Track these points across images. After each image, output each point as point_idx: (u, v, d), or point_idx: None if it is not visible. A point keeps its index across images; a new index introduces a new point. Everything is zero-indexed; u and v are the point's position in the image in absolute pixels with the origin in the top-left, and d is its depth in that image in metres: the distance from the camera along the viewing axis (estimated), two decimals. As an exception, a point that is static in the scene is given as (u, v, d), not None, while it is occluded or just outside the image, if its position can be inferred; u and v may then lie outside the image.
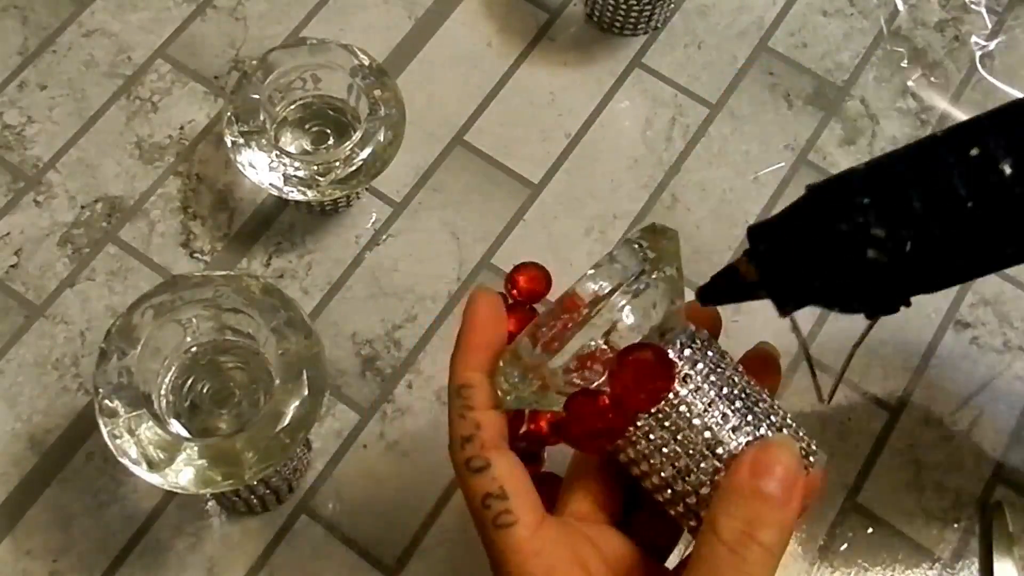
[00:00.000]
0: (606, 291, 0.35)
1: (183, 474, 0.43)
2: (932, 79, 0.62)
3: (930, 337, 0.56)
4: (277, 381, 0.45)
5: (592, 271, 0.35)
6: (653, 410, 0.35)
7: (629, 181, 0.59)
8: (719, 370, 0.36)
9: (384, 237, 0.57)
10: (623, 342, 0.35)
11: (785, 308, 0.36)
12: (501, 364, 0.36)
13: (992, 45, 0.63)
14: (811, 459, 0.36)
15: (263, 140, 0.52)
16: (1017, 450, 0.54)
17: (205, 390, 0.49)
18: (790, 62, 0.62)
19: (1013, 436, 0.54)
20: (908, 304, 0.35)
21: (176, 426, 0.47)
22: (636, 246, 0.36)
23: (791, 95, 0.62)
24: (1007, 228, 0.32)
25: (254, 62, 0.54)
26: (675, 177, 0.59)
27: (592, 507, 0.38)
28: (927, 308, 0.57)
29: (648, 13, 0.61)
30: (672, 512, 0.37)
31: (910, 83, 0.62)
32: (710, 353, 0.36)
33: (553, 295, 0.56)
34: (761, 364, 0.40)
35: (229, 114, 0.53)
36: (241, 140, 0.52)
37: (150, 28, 0.62)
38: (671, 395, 0.35)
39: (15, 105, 0.60)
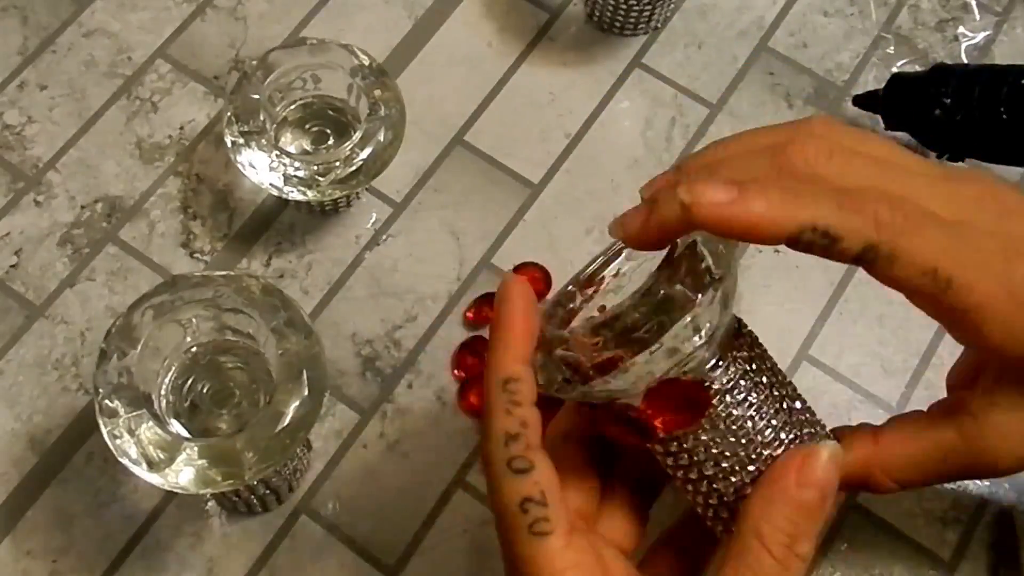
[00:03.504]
0: (684, 294, 0.33)
1: (183, 474, 0.43)
2: (932, 79, 0.62)
3: (930, 337, 0.56)
4: (277, 381, 0.45)
5: (678, 274, 0.34)
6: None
7: (629, 181, 0.59)
8: (762, 381, 0.36)
9: (384, 237, 0.57)
10: (679, 352, 0.34)
11: (894, 128, 0.58)
12: (541, 356, 0.35)
13: (992, 45, 0.63)
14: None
15: (263, 140, 0.52)
16: (1017, 450, 0.54)
17: (205, 390, 0.49)
18: (790, 62, 0.63)
19: (1013, 436, 0.54)
20: (962, 159, 0.56)
21: (176, 426, 0.47)
22: (707, 253, 0.35)
23: (791, 95, 0.62)
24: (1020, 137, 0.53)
25: (254, 62, 0.54)
26: (675, 177, 0.59)
27: (620, 535, 0.38)
28: (927, 308, 0.57)
29: (648, 13, 0.61)
30: (706, 515, 0.37)
31: (910, 83, 0.62)
32: (755, 363, 0.36)
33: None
34: None
35: (229, 114, 0.53)
36: (241, 140, 0.52)
37: (150, 28, 0.62)
38: (715, 401, 0.35)
39: (15, 105, 0.60)
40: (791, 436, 0.36)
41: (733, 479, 0.35)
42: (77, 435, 0.52)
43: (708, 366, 0.35)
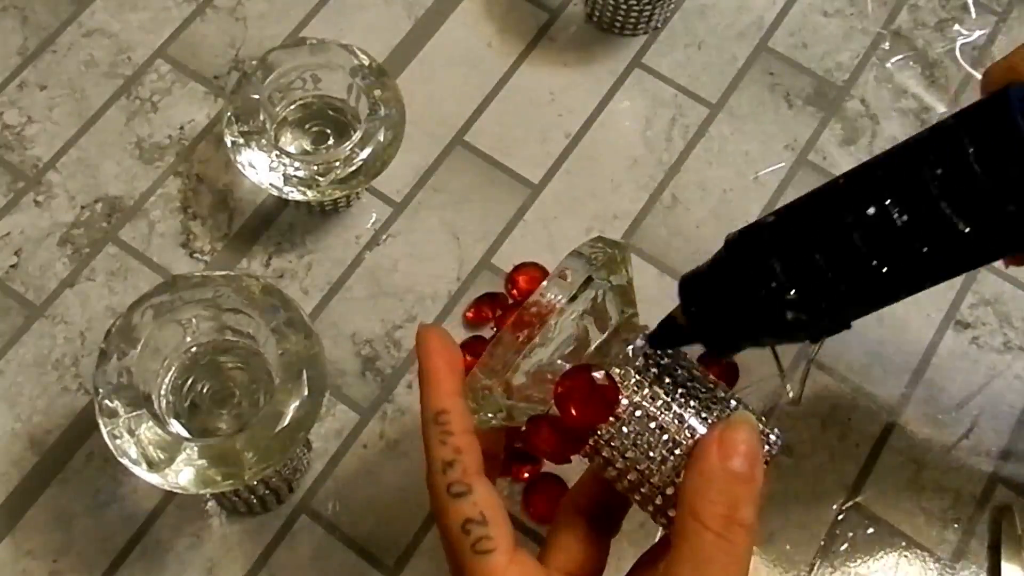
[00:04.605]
0: (561, 304, 0.35)
1: (183, 474, 0.43)
2: (932, 79, 0.62)
3: (930, 337, 0.56)
4: (277, 381, 0.45)
5: (545, 284, 0.36)
6: (612, 419, 0.36)
7: (629, 181, 0.59)
8: (674, 372, 0.37)
9: (384, 237, 0.57)
10: (577, 353, 0.36)
11: (721, 355, 0.38)
12: (469, 381, 0.37)
13: (992, 45, 0.63)
14: (771, 439, 0.37)
15: (263, 140, 0.52)
16: (1017, 450, 0.54)
17: (205, 390, 0.49)
18: (790, 62, 0.62)
19: (1013, 436, 0.54)
20: (848, 327, 0.36)
21: (176, 426, 0.47)
22: (585, 259, 0.36)
23: (791, 95, 0.62)
24: (912, 275, 0.33)
25: (254, 62, 0.54)
26: (675, 177, 0.59)
27: (573, 565, 0.38)
28: (927, 308, 0.57)
29: (648, 13, 0.61)
30: (647, 511, 0.37)
31: (910, 83, 0.62)
32: (662, 356, 0.38)
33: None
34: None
35: (229, 114, 0.53)
36: (241, 140, 0.52)
37: (150, 28, 0.62)
38: (626, 402, 0.36)
39: (15, 105, 0.60)
40: (712, 417, 0.37)
41: (664, 467, 0.36)
42: (77, 435, 0.52)
43: (615, 359, 0.37)
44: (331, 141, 0.56)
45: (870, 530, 0.52)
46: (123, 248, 0.57)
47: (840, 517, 0.52)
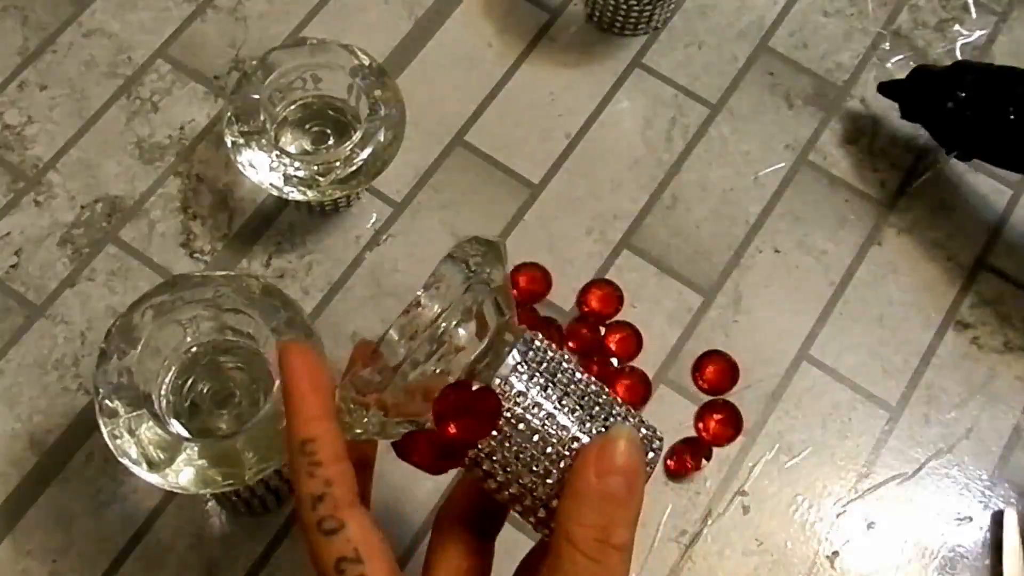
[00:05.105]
0: (437, 313, 0.34)
1: (183, 474, 0.43)
2: (932, 79, 0.62)
3: (930, 337, 0.56)
4: (277, 381, 0.45)
5: (421, 292, 0.34)
6: (493, 432, 0.35)
7: (629, 181, 0.59)
8: (556, 378, 0.36)
9: (384, 237, 0.57)
10: (458, 363, 0.34)
11: (910, 119, 0.59)
12: (339, 398, 0.35)
13: (993, 45, 0.63)
14: (655, 445, 0.36)
15: (263, 140, 0.52)
16: (1017, 451, 0.54)
17: (205, 390, 0.49)
18: (790, 62, 0.62)
19: (1013, 436, 0.54)
20: (969, 159, 0.57)
21: (176, 426, 0.47)
22: (460, 261, 0.35)
23: (791, 95, 0.62)
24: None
25: (254, 62, 0.54)
26: (675, 177, 0.59)
27: (458, 574, 0.37)
28: (927, 308, 0.57)
29: (648, 13, 0.61)
30: (528, 521, 0.36)
31: (910, 83, 0.62)
32: (546, 363, 0.36)
33: (554, 295, 0.56)
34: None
35: (229, 114, 0.53)
36: (241, 140, 0.52)
37: (150, 28, 0.62)
38: (507, 415, 0.35)
39: (15, 105, 0.60)
40: (596, 428, 0.35)
41: (548, 481, 0.35)
42: (77, 435, 0.52)
43: (496, 369, 0.35)
44: (331, 141, 0.56)
45: (870, 530, 0.52)
46: (123, 248, 0.57)
47: (840, 517, 0.52)
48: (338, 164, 0.52)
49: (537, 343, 0.36)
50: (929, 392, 0.55)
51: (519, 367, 0.35)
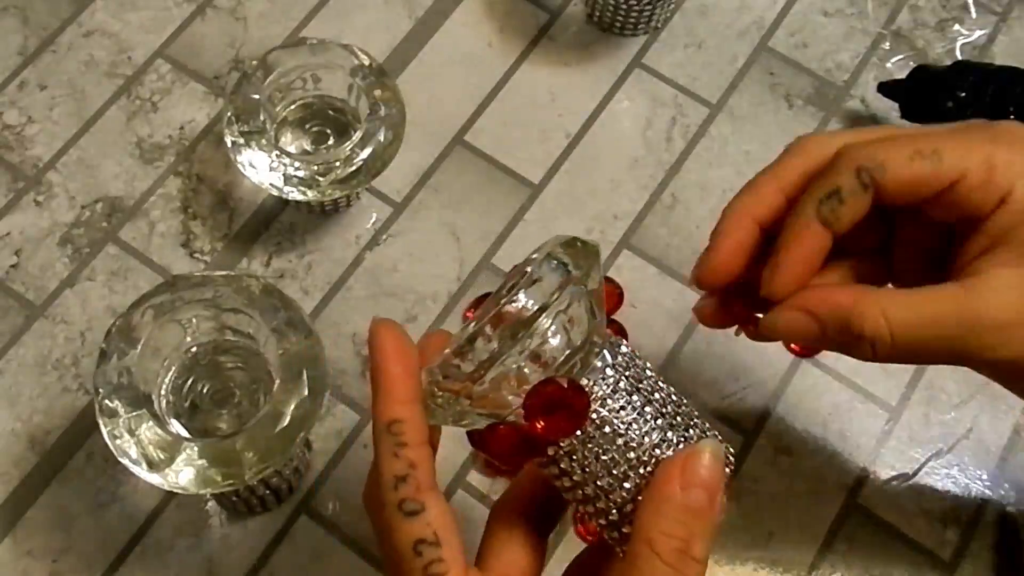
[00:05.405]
0: (532, 310, 0.34)
1: (183, 474, 0.43)
2: (932, 79, 0.62)
3: (930, 337, 0.56)
4: (277, 381, 0.45)
5: (520, 290, 0.34)
6: (577, 431, 0.35)
7: (629, 181, 0.59)
8: (641, 385, 0.36)
9: (384, 237, 0.57)
10: (548, 363, 0.35)
11: (910, 119, 0.58)
12: (427, 382, 0.35)
13: (993, 45, 0.63)
14: (730, 459, 0.36)
15: (263, 140, 0.52)
16: (1017, 451, 0.54)
17: (205, 390, 0.49)
18: (790, 62, 0.62)
19: (1013, 437, 0.54)
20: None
21: (176, 426, 0.47)
22: (557, 262, 0.35)
23: (791, 95, 0.62)
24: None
25: (254, 62, 0.54)
26: (675, 177, 0.59)
27: (514, 569, 0.37)
28: (927, 308, 0.57)
29: (648, 13, 0.61)
30: (598, 523, 0.36)
31: (910, 83, 0.62)
32: (632, 369, 0.36)
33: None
34: None
35: (229, 114, 0.53)
36: (241, 140, 0.52)
37: (150, 28, 0.62)
38: (593, 415, 0.35)
39: (15, 105, 0.60)
40: (677, 437, 0.35)
41: (626, 486, 0.35)
42: (77, 435, 0.52)
43: (585, 371, 0.35)
44: (331, 141, 0.56)
45: (870, 530, 0.52)
46: (123, 248, 0.57)
47: (840, 517, 0.52)
48: (338, 164, 0.52)
49: (624, 348, 0.36)
50: (929, 392, 0.55)
51: (607, 371, 0.35)
